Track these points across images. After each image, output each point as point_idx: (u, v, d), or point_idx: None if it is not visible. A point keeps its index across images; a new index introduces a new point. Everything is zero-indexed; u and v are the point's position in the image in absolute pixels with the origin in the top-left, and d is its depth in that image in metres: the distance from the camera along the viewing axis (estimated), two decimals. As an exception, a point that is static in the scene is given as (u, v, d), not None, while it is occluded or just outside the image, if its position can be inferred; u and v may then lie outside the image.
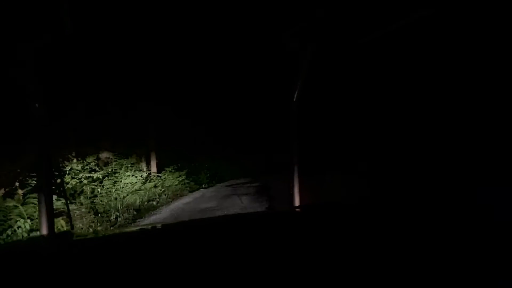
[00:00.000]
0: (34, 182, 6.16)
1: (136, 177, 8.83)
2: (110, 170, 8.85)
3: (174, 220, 6.85)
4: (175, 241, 1.30)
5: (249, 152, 16.47)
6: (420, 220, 1.35)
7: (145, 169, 9.67)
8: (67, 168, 7.68)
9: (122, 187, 8.32)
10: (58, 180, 2.12)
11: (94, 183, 7.87)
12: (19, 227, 4.97)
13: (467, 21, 4.76)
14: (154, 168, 9.63)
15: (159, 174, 9.58)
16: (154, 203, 8.50)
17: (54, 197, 1.93)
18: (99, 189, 7.84)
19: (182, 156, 11.38)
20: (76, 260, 1.10)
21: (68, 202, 2.65)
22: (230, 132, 15.98)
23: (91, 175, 8.08)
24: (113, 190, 8.05)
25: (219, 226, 1.60)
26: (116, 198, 7.81)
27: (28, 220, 5.10)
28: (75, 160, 8.29)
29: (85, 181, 7.70)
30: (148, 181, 9.09)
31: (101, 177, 8.11)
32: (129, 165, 9.30)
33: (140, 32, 7.94)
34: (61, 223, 5.49)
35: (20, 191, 6.41)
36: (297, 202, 2.22)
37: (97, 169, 8.46)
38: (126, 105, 9.93)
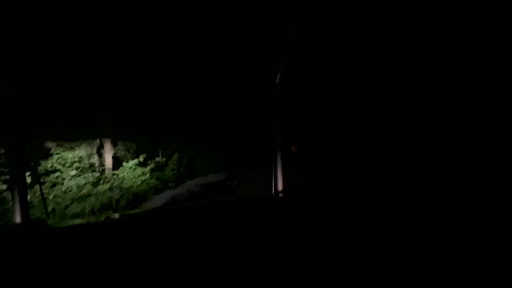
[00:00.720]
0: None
1: (84, 177, 7.13)
2: (49, 166, 7.07)
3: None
4: (156, 230, 0.86)
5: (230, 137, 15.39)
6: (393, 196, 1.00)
7: (98, 165, 7.84)
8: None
9: (64, 192, 6.65)
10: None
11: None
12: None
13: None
14: (109, 163, 7.79)
15: (115, 172, 7.69)
16: (110, 212, 6.89)
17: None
18: (29, 197, 6.15)
19: (152, 142, 9.64)
20: (49, 245, 0.77)
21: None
22: (209, 114, 14.57)
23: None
24: (51, 198, 6.36)
25: (203, 213, 0.93)
26: (53, 210, 6.16)
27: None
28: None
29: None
30: (101, 181, 7.35)
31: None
32: (76, 160, 7.52)
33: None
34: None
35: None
36: (280, 187, 2.36)
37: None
38: (79, 78, 7.94)
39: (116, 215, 6.07)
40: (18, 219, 1.73)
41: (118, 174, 7.58)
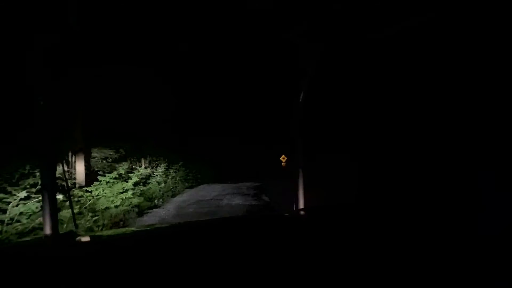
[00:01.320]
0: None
1: (38, 200, 5.49)
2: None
3: None
4: (178, 243, 1.30)
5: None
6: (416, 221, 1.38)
7: (66, 179, 6.32)
8: None
9: (8, 223, 5.06)
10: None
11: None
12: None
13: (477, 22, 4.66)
14: (81, 177, 6.38)
15: (88, 188, 6.15)
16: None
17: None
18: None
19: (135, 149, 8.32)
20: (80, 261, 1.10)
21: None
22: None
23: None
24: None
25: (223, 229, 1.57)
26: None
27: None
28: None
29: None
30: (67, 203, 5.85)
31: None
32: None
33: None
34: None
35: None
36: (301, 205, 2.23)
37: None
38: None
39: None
40: (48, 230, 1.60)
41: (92, 191, 6.24)
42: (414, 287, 0.83)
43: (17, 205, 5.04)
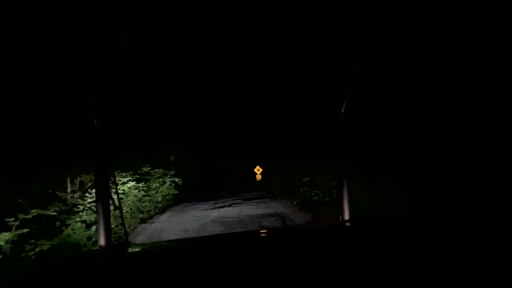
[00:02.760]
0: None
1: None
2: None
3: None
4: (229, 254, 1.30)
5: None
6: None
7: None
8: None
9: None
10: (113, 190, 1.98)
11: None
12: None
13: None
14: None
15: None
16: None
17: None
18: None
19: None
20: (134, 273, 1.12)
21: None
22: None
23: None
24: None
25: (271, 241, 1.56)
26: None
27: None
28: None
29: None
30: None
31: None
32: None
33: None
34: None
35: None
36: (346, 216, 2.17)
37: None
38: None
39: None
40: (102, 241, 1.66)
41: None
42: None
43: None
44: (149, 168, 10.64)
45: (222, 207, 10.59)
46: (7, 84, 5.24)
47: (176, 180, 11.83)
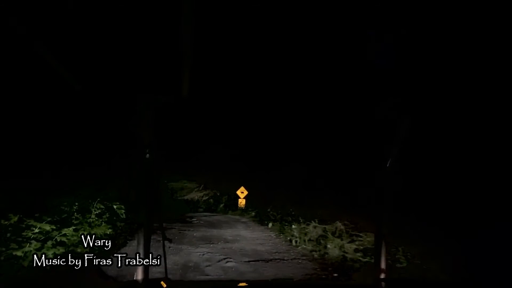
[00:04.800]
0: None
1: None
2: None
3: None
4: None
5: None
6: None
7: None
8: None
9: None
10: None
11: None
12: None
13: None
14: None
15: None
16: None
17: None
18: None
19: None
20: None
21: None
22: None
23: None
24: None
25: None
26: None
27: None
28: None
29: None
30: None
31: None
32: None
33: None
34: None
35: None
36: (382, 273, 2.07)
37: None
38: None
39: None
40: (140, 275, 1.64)
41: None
42: None
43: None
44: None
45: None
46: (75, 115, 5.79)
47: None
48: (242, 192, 13.98)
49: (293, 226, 10.12)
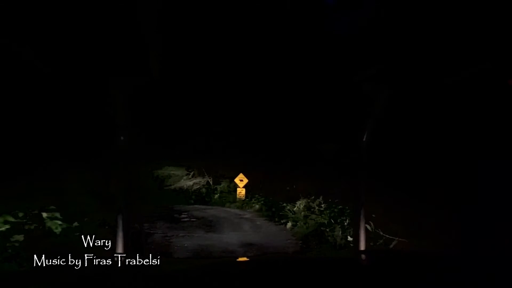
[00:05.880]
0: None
1: None
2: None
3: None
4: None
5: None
6: None
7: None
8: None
9: None
10: None
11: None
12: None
13: None
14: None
15: None
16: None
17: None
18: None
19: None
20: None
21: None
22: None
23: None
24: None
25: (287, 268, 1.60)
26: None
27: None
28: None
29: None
30: None
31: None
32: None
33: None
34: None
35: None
36: (362, 246, 2.10)
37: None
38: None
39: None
40: (120, 249, 1.82)
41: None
42: None
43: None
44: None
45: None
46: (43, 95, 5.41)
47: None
48: (241, 180, 11.06)
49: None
